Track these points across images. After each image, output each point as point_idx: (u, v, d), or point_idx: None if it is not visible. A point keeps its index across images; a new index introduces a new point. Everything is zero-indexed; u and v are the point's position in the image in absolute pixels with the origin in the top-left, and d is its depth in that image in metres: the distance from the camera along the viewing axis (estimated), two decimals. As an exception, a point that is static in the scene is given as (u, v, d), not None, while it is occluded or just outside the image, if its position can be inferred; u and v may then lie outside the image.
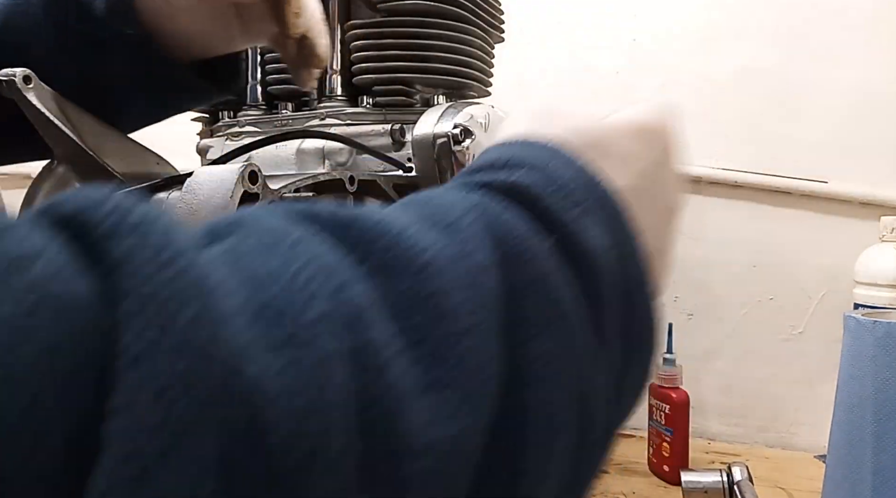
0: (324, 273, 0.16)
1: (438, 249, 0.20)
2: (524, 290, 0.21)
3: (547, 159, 0.27)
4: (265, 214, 0.18)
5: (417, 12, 0.67)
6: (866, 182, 0.91)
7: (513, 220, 0.22)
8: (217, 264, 0.15)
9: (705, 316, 1.00)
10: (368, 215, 0.19)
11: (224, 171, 0.41)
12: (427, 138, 0.59)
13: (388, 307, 0.18)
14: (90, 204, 0.14)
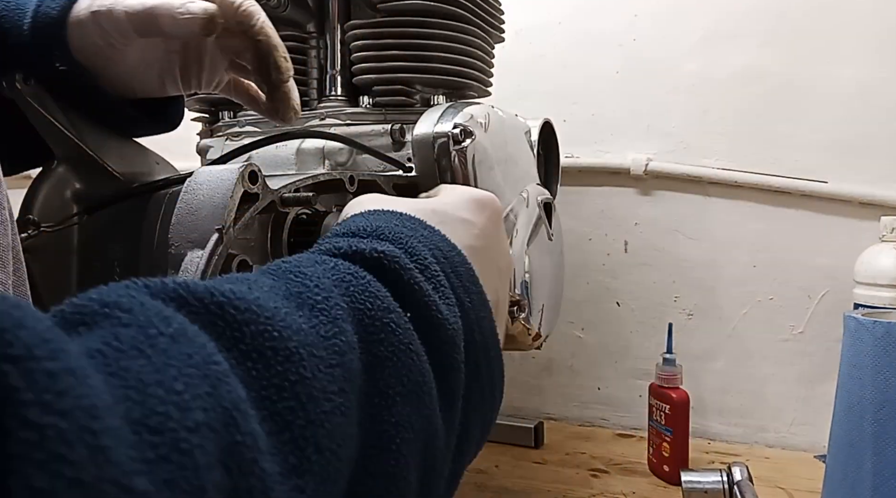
0: (199, 375, 0.17)
1: (305, 333, 0.21)
2: (384, 362, 0.24)
3: (404, 230, 0.30)
4: (137, 300, 0.18)
5: (417, 12, 0.67)
6: (866, 182, 0.91)
7: (375, 295, 0.25)
8: (97, 377, 0.15)
9: (705, 316, 1.00)
10: (240, 296, 0.20)
11: (224, 171, 0.41)
12: (427, 138, 0.59)
13: (256, 397, 0.19)
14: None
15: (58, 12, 0.44)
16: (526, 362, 1.09)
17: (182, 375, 0.17)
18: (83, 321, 0.18)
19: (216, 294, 0.20)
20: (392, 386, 0.24)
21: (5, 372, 0.13)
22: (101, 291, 0.19)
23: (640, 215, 1.02)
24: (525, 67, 1.05)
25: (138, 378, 0.16)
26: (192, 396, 0.17)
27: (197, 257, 0.38)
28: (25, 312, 0.15)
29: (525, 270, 0.63)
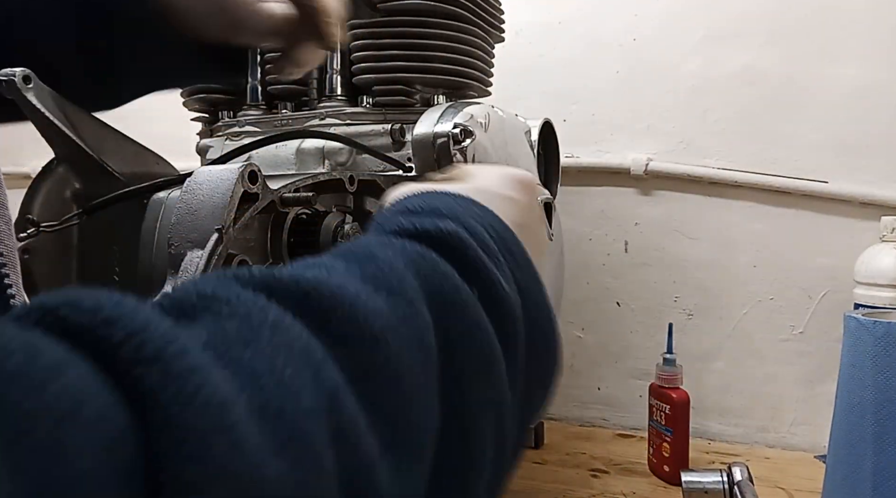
0: (302, 361, 0.18)
1: (386, 316, 0.22)
2: (457, 340, 0.25)
3: (459, 209, 0.31)
4: (233, 291, 0.20)
5: (417, 12, 0.67)
6: (866, 182, 0.91)
7: (444, 275, 0.26)
8: (217, 373, 0.16)
9: (705, 316, 1.00)
10: (323, 282, 0.22)
11: (224, 171, 0.41)
12: (427, 138, 0.59)
13: (350, 380, 0.20)
14: (97, 320, 0.15)
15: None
16: (526, 362, 1.08)
17: (288, 364, 0.18)
18: (184, 313, 0.19)
19: (301, 282, 0.21)
20: (466, 362, 0.25)
21: (141, 374, 0.14)
22: (200, 283, 0.20)
23: (641, 215, 1.02)
24: (525, 67, 1.05)
25: (251, 368, 0.17)
26: (301, 384, 0.18)
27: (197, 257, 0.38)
28: (147, 314, 0.16)
29: (525, 270, 0.63)
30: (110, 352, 0.15)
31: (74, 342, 0.15)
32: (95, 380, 0.14)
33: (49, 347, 0.14)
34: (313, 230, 0.46)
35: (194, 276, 0.38)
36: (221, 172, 0.41)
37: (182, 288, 0.20)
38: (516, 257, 0.31)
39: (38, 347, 0.14)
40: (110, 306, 0.15)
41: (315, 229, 0.46)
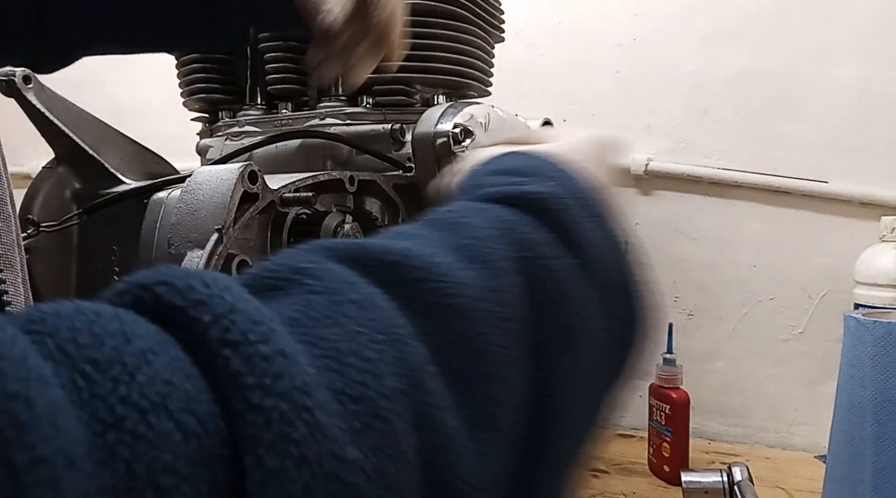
0: (386, 339, 0.18)
1: (478, 288, 0.22)
2: (549, 312, 0.24)
3: (553, 172, 0.29)
4: (325, 266, 0.20)
5: (417, 12, 0.67)
6: (866, 182, 0.91)
7: (540, 242, 0.25)
8: (301, 352, 0.16)
9: (705, 316, 1.00)
10: (414, 253, 0.21)
11: (224, 171, 0.41)
12: (427, 138, 0.59)
13: (435, 354, 0.20)
14: (189, 300, 0.16)
15: None
16: (526, 362, 1.09)
17: (372, 342, 0.18)
18: (277, 286, 0.19)
19: (391, 253, 0.21)
20: (560, 334, 0.24)
21: (227, 357, 0.15)
22: (289, 257, 0.20)
23: (641, 215, 1.02)
24: (525, 67, 1.05)
25: (334, 347, 0.17)
26: (384, 363, 0.18)
27: (197, 257, 0.38)
28: (235, 294, 0.16)
29: (525, 270, 0.63)
30: (200, 333, 0.15)
31: (166, 322, 0.15)
32: (183, 366, 0.14)
33: (140, 331, 0.14)
34: (313, 230, 0.46)
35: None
36: (221, 172, 0.41)
37: (278, 261, 0.20)
38: (607, 221, 0.30)
39: (128, 334, 0.14)
40: (202, 287, 0.16)
41: (315, 229, 0.46)
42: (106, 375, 0.13)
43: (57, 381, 0.13)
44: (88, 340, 0.13)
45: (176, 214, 0.40)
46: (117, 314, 0.15)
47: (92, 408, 0.13)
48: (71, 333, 0.14)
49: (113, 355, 0.13)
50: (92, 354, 0.13)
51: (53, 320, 0.14)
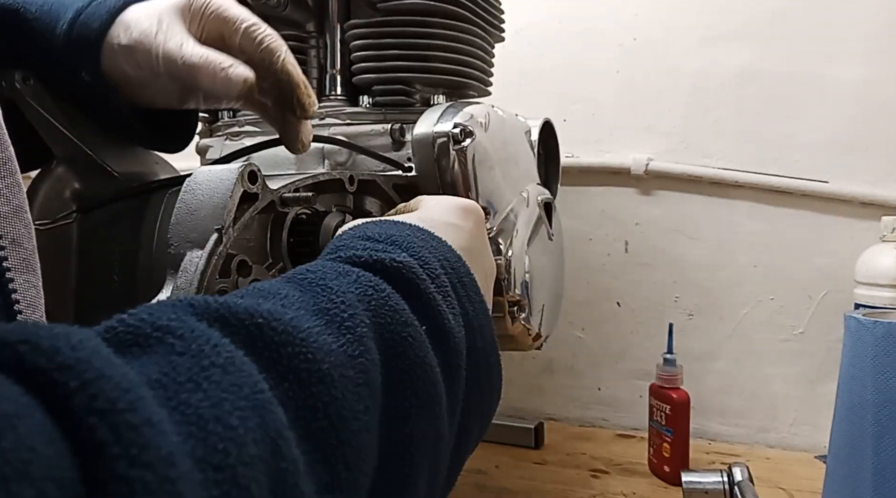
0: (249, 406, 0.19)
1: (336, 354, 0.23)
2: (402, 376, 0.26)
3: (415, 239, 0.32)
4: (187, 325, 0.20)
5: (417, 12, 0.67)
6: (866, 182, 0.91)
7: (395, 309, 0.27)
8: (166, 420, 0.17)
9: (705, 316, 1.00)
10: (277, 316, 0.22)
11: (223, 171, 0.40)
12: (427, 138, 0.59)
13: (293, 418, 0.21)
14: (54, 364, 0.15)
15: (96, 33, 0.43)
16: (526, 362, 1.09)
17: (235, 409, 0.18)
18: (136, 342, 0.19)
19: (255, 315, 0.22)
20: (409, 398, 0.26)
21: (93, 425, 0.15)
22: (151, 312, 0.20)
23: (641, 215, 1.02)
24: (525, 67, 1.05)
25: (198, 414, 0.17)
26: (245, 430, 0.18)
27: (196, 257, 0.38)
28: (103, 358, 0.16)
29: (525, 270, 0.63)
30: (65, 398, 0.15)
31: (30, 384, 0.15)
32: (46, 431, 0.14)
33: (5, 393, 0.14)
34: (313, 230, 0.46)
35: (194, 275, 0.38)
36: (221, 172, 0.41)
37: (138, 315, 0.20)
38: (467, 289, 0.32)
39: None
40: (68, 349, 0.15)
41: (315, 229, 0.46)
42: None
43: None
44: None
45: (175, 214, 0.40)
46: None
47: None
48: None
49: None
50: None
51: None
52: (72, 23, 0.44)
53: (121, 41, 0.43)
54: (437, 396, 0.27)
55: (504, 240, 0.62)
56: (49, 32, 0.44)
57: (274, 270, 0.45)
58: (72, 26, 0.44)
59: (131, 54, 0.43)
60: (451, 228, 0.37)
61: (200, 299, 0.22)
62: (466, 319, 0.31)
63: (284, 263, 0.46)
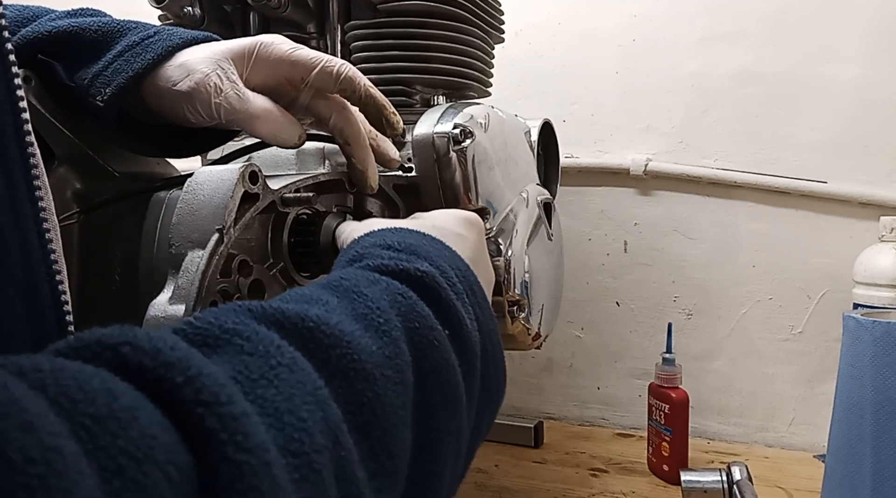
0: (313, 400, 0.21)
1: (376, 355, 0.26)
2: (429, 376, 0.28)
3: (432, 249, 0.35)
4: (251, 327, 0.22)
5: (417, 12, 0.67)
6: (866, 182, 0.91)
7: (421, 315, 0.30)
8: (255, 416, 0.19)
9: (705, 316, 1.00)
10: (325, 320, 0.25)
11: (224, 172, 0.41)
12: (427, 138, 0.59)
13: (345, 413, 0.23)
14: (158, 362, 0.17)
15: (138, 70, 0.43)
16: (526, 362, 1.09)
17: (304, 403, 0.21)
18: (206, 343, 0.21)
19: (306, 319, 0.24)
20: (436, 396, 0.28)
21: (201, 415, 0.17)
22: (216, 316, 0.22)
23: (640, 215, 1.02)
24: (525, 67, 1.05)
25: (274, 407, 0.20)
26: (313, 422, 0.20)
27: (197, 257, 0.38)
28: (199, 358, 0.18)
29: (525, 270, 0.63)
30: (170, 393, 0.17)
31: (136, 380, 0.17)
32: (160, 421, 0.16)
33: (122, 389, 0.16)
34: (313, 230, 0.46)
35: (195, 275, 0.38)
36: (222, 173, 0.41)
37: (205, 319, 0.22)
38: (477, 296, 0.35)
39: (113, 391, 0.16)
40: (167, 349, 0.18)
41: (315, 229, 0.46)
42: (104, 428, 0.15)
43: (65, 432, 0.14)
44: (80, 396, 0.15)
45: (176, 215, 0.40)
46: (97, 373, 0.16)
47: (97, 458, 0.14)
48: (60, 388, 0.15)
49: (106, 411, 0.15)
50: (87, 409, 0.15)
51: (37, 374, 0.15)
52: (116, 56, 0.44)
53: (179, 87, 0.43)
54: (459, 395, 0.30)
55: (504, 240, 0.62)
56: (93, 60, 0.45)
57: (275, 270, 0.45)
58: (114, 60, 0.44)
59: (189, 100, 0.44)
60: (459, 239, 0.39)
61: (256, 304, 0.24)
62: (479, 324, 0.34)
63: (285, 262, 0.46)
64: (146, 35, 0.45)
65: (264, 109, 0.44)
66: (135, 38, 0.45)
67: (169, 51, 0.44)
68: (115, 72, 0.44)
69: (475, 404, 0.33)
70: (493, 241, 0.62)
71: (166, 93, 0.44)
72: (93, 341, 0.17)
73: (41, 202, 0.28)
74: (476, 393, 0.33)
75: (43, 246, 0.28)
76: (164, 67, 0.44)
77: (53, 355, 0.17)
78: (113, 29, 0.46)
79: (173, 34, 0.45)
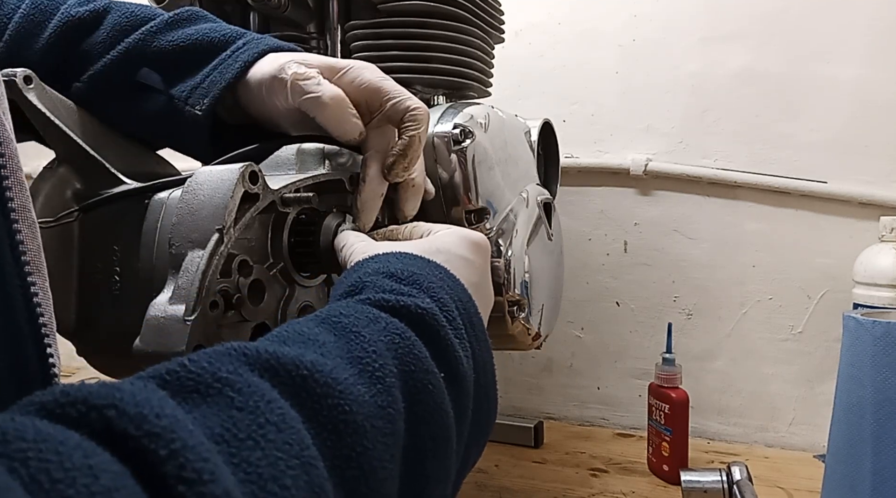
0: (299, 463, 0.21)
1: (368, 405, 0.25)
2: (422, 422, 0.28)
3: (434, 280, 0.34)
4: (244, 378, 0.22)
5: (417, 12, 0.67)
6: (866, 182, 0.91)
7: (418, 358, 0.29)
8: (237, 485, 0.19)
9: (705, 316, 1.00)
10: (319, 367, 0.25)
11: (224, 172, 0.41)
12: (427, 138, 0.59)
13: (329, 467, 0.23)
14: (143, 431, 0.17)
15: (229, 78, 0.47)
16: (526, 362, 1.09)
17: (288, 468, 0.20)
18: (196, 390, 0.21)
19: (300, 366, 0.24)
20: (427, 442, 0.28)
21: (183, 494, 0.17)
22: (210, 361, 0.22)
23: (640, 215, 1.02)
24: (525, 67, 1.05)
25: (258, 473, 0.20)
26: (297, 489, 0.20)
27: (197, 257, 0.38)
28: (184, 428, 0.18)
29: (525, 270, 0.63)
30: (154, 466, 0.17)
31: (118, 449, 0.17)
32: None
33: (104, 465, 0.16)
34: (314, 230, 0.46)
35: (195, 275, 0.38)
36: (222, 173, 0.41)
37: (199, 363, 0.22)
38: (475, 328, 0.35)
39: (93, 468, 0.15)
40: (153, 416, 0.17)
41: (315, 230, 0.46)
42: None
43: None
44: (61, 475, 0.15)
45: (177, 215, 0.40)
46: (79, 444, 0.16)
47: None
48: (41, 464, 0.15)
49: (85, 494, 0.15)
50: (66, 491, 0.15)
51: (19, 445, 0.15)
52: (212, 69, 0.48)
53: (263, 72, 0.47)
54: (450, 439, 0.30)
55: (504, 240, 0.62)
56: (190, 74, 0.49)
57: (275, 270, 0.45)
58: (210, 73, 0.48)
59: (270, 84, 0.47)
60: (465, 264, 0.39)
61: (252, 348, 0.24)
62: (474, 358, 0.34)
63: (285, 262, 0.46)
64: (237, 47, 0.49)
65: (337, 96, 0.46)
66: (228, 52, 0.49)
67: (255, 57, 0.48)
68: (211, 83, 0.48)
69: (464, 443, 0.33)
70: (493, 242, 0.62)
71: (253, 85, 0.47)
72: (79, 399, 0.17)
73: (12, 203, 0.28)
74: (466, 432, 0.33)
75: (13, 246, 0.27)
76: (253, 68, 0.48)
77: (38, 410, 0.17)
78: (214, 41, 0.49)
79: (260, 41, 0.49)
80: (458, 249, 0.40)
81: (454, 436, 0.30)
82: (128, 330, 0.38)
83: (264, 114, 0.49)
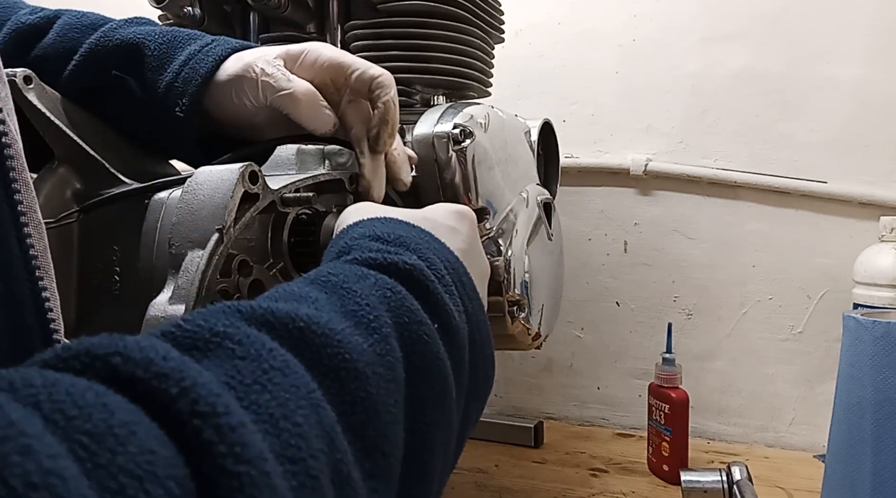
0: (307, 403, 0.21)
1: (367, 353, 0.25)
2: (419, 371, 0.28)
3: (421, 241, 0.34)
4: (242, 330, 0.22)
5: (417, 12, 0.67)
6: (865, 182, 0.91)
7: (410, 310, 0.29)
8: (251, 425, 0.18)
9: (705, 316, 1.00)
10: (315, 319, 0.24)
11: (224, 172, 0.41)
12: (427, 138, 0.59)
13: (338, 414, 0.23)
14: (151, 373, 0.17)
15: (202, 75, 0.47)
16: (526, 362, 1.09)
17: (298, 407, 0.20)
18: (195, 346, 0.20)
19: (296, 318, 0.24)
20: (425, 391, 0.28)
21: (198, 427, 0.16)
22: (205, 318, 0.22)
23: (640, 215, 1.02)
24: (525, 67, 1.05)
25: (269, 413, 0.19)
26: (309, 426, 0.20)
27: (197, 257, 0.38)
28: (192, 367, 0.18)
29: (525, 270, 0.63)
30: (165, 404, 0.17)
31: (129, 392, 0.16)
32: (159, 434, 0.16)
33: (117, 402, 0.16)
34: (313, 230, 0.46)
35: (195, 275, 0.38)
36: (222, 173, 0.41)
37: (194, 321, 0.21)
38: (466, 287, 0.35)
39: (109, 405, 0.15)
40: (160, 359, 0.17)
41: (315, 229, 0.46)
42: (102, 446, 0.14)
43: (63, 453, 0.14)
44: (75, 412, 0.15)
45: (177, 214, 0.40)
46: (90, 386, 0.16)
47: (98, 478, 0.14)
48: (55, 404, 0.15)
49: (103, 427, 0.15)
50: (84, 426, 0.14)
51: (28, 390, 0.15)
52: (182, 65, 0.48)
53: (231, 72, 0.47)
54: (448, 388, 0.30)
55: (504, 240, 0.62)
56: (159, 71, 0.48)
57: (274, 270, 0.45)
58: (180, 69, 0.48)
59: (239, 83, 0.47)
60: (450, 231, 0.39)
61: (245, 305, 0.23)
62: (467, 316, 0.34)
63: (285, 262, 0.46)
64: (205, 43, 0.49)
65: (308, 91, 0.47)
66: (195, 47, 0.48)
67: (229, 52, 0.48)
68: (185, 81, 0.47)
69: (464, 396, 0.33)
70: (493, 242, 0.62)
71: (221, 86, 0.47)
72: (81, 351, 0.17)
73: (21, 205, 0.27)
74: (465, 385, 0.33)
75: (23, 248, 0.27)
76: (220, 69, 0.48)
77: (41, 366, 0.17)
78: (174, 38, 0.49)
79: (229, 41, 0.49)
80: (445, 220, 0.40)
81: (452, 385, 0.30)
82: (128, 330, 0.37)
83: (229, 115, 0.49)
